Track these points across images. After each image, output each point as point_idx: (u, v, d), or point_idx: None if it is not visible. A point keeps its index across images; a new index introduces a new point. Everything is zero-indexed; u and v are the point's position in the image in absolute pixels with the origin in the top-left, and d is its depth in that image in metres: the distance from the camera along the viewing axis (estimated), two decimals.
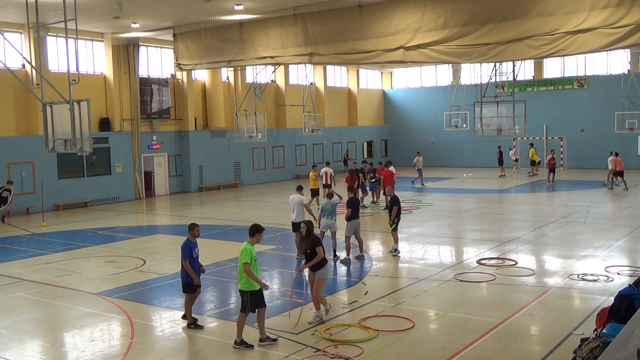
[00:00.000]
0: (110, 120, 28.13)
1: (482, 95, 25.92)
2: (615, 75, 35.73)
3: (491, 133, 26.38)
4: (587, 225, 18.61)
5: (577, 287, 11.85)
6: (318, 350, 8.75)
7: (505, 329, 9.53)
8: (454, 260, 15.04)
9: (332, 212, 14.44)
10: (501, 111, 26.09)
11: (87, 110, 12.73)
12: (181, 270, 10.08)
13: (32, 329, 10.33)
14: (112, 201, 27.75)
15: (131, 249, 16.75)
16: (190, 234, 9.99)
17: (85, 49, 27.09)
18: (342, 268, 14.15)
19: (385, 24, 19.32)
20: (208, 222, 20.54)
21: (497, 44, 17.39)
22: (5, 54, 23.27)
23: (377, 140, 45.28)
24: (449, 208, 23.82)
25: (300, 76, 37.37)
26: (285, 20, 21.84)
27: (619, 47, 16.43)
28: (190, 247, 9.88)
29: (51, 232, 20.13)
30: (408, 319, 10.00)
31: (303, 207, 14.71)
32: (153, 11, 22.38)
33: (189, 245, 9.89)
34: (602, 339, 6.56)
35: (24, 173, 24.46)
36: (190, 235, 9.98)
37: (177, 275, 13.52)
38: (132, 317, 10.56)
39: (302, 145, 38.22)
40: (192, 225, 10.11)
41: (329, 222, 14.49)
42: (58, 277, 13.67)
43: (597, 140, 36.50)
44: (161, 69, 30.87)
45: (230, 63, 24.77)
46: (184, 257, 9.84)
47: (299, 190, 15.24)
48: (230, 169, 33.43)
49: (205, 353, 9.13)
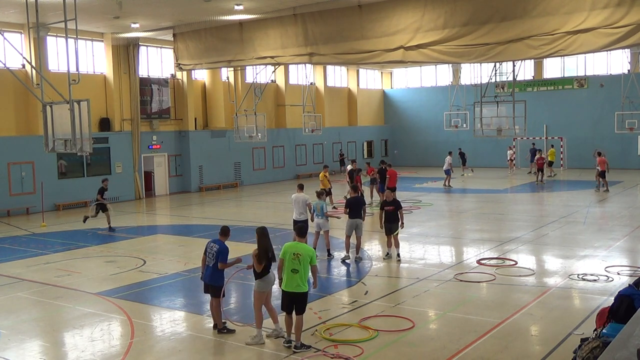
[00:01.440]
0: (110, 120, 28.13)
1: (482, 95, 25.92)
2: (615, 75, 35.73)
3: (491, 133, 26.38)
4: (587, 225, 18.61)
5: (577, 287, 11.84)
6: (318, 350, 8.74)
7: (505, 329, 9.53)
8: (454, 260, 15.04)
9: (321, 212, 14.58)
10: (501, 111, 26.09)
11: (87, 110, 12.73)
12: (214, 274, 9.51)
13: (32, 329, 10.32)
14: (112, 201, 27.69)
15: (131, 249, 16.75)
16: (223, 237, 9.68)
17: (85, 49, 27.09)
18: (342, 268, 14.15)
19: (385, 24, 19.32)
20: (208, 222, 20.55)
21: (497, 44, 17.39)
22: (5, 54, 23.28)
23: (377, 141, 45.27)
24: (449, 208, 23.82)
25: (300, 76, 37.37)
26: (285, 20, 21.84)
27: (619, 47, 16.42)
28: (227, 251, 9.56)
29: (51, 232, 20.12)
30: (408, 319, 9.99)
31: (306, 206, 14.76)
32: (153, 11, 22.38)
33: (227, 249, 9.56)
34: (602, 339, 6.55)
35: (24, 173, 24.47)
36: (224, 238, 9.67)
37: (177, 275, 13.56)
38: (132, 317, 10.56)
39: (302, 145, 38.22)
40: (227, 230, 9.82)
41: (319, 221, 14.64)
42: (58, 277, 13.67)
43: (597, 140, 36.51)
44: (161, 69, 30.87)
45: (230, 63, 24.78)
46: (224, 260, 9.48)
47: (301, 189, 15.29)
48: (230, 169, 33.44)
49: (206, 353, 9.12)
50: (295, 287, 8.72)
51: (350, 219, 14.45)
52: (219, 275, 9.53)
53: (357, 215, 14.44)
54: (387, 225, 14.37)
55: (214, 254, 9.45)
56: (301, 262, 8.70)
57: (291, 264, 8.72)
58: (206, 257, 9.60)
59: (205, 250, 9.66)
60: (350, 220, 14.45)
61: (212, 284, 9.57)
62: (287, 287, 8.78)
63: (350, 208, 14.53)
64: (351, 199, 14.93)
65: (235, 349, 9.05)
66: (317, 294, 11.78)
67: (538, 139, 38.10)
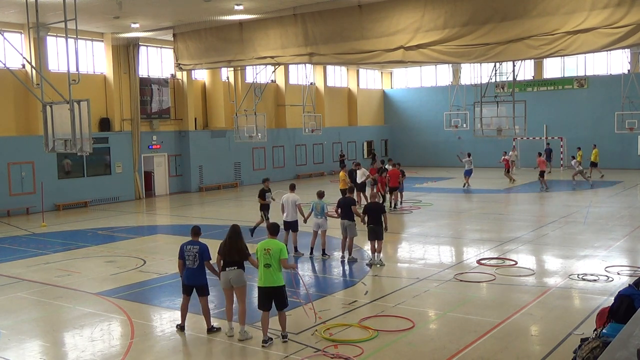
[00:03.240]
0: (110, 120, 28.13)
1: (482, 95, 25.92)
2: (615, 75, 35.74)
3: (491, 133, 26.38)
4: (587, 225, 18.61)
5: (577, 287, 11.84)
6: (318, 350, 8.74)
7: (505, 329, 9.53)
8: (454, 260, 15.04)
9: (320, 212, 14.60)
10: (501, 111, 26.09)
11: (87, 110, 12.73)
12: (199, 274, 9.61)
13: (32, 329, 10.33)
14: (112, 201, 27.75)
15: (131, 249, 16.75)
16: (196, 237, 9.83)
17: (85, 49, 27.09)
18: (342, 268, 14.15)
19: (385, 24, 19.32)
20: (208, 222, 20.55)
21: (497, 44, 17.40)
22: (5, 54, 23.27)
23: (377, 141, 45.28)
24: (449, 208, 23.82)
25: (300, 76, 37.37)
26: (285, 20, 21.84)
27: (619, 47, 16.43)
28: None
29: (51, 232, 20.13)
30: (408, 319, 9.99)
31: (296, 207, 14.85)
32: (153, 11, 22.38)
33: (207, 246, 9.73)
34: (602, 339, 6.56)
35: (24, 173, 24.46)
36: (198, 237, 9.83)
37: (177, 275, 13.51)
38: (132, 317, 10.56)
39: (302, 145, 38.23)
40: (198, 229, 9.99)
41: (318, 221, 14.67)
42: (58, 277, 13.67)
43: (597, 140, 36.51)
44: (161, 69, 30.87)
45: (230, 63, 24.78)
46: (210, 257, 9.63)
47: (292, 189, 15.37)
48: (230, 169, 33.44)
49: (205, 353, 9.13)
50: (270, 282, 8.98)
51: (341, 219, 14.49)
52: (203, 274, 9.66)
53: (346, 216, 14.33)
54: (369, 228, 14.01)
55: (195, 255, 9.53)
56: (272, 256, 8.96)
57: (263, 259, 9.01)
58: (185, 261, 9.62)
59: (182, 254, 9.68)
60: (341, 221, 14.47)
61: (198, 284, 9.62)
62: (262, 283, 9.04)
63: (340, 209, 14.58)
64: (341, 199, 14.97)
65: (235, 349, 9.05)
66: (317, 294, 11.79)
67: (538, 139, 38.09)
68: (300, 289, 12.03)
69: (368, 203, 14.98)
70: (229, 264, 9.35)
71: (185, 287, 9.76)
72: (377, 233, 13.86)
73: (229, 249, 9.41)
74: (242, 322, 9.30)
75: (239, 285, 9.37)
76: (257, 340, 9.23)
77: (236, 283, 9.36)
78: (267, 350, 8.91)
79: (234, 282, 9.35)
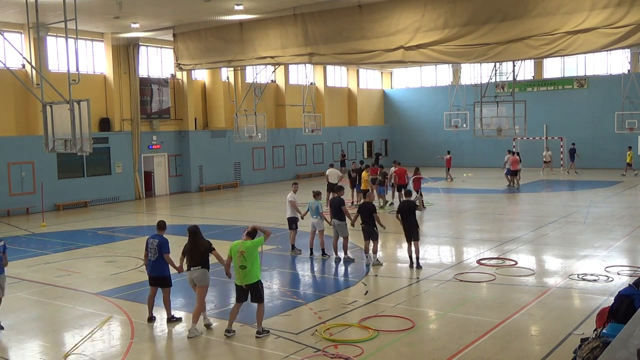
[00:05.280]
0: (110, 120, 28.13)
1: (482, 95, 25.92)
2: (615, 75, 35.73)
3: (491, 133, 26.39)
4: (587, 225, 18.61)
5: (577, 287, 11.84)
6: (318, 350, 8.74)
7: (505, 329, 9.53)
8: (454, 260, 15.04)
9: (315, 212, 14.69)
10: (501, 111, 26.09)
11: (87, 110, 12.72)
12: (159, 266, 10.15)
13: (32, 329, 10.33)
14: (112, 201, 27.75)
15: (131, 249, 16.74)
16: (161, 231, 10.46)
17: (85, 49, 27.09)
18: (342, 268, 14.14)
19: (385, 24, 19.31)
20: (208, 222, 20.53)
21: (497, 44, 17.39)
22: (5, 54, 23.27)
23: (377, 141, 45.28)
24: (449, 208, 23.82)
25: (300, 76, 37.37)
26: (285, 20, 21.84)
27: (619, 47, 16.42)
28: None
29: (51, 232, 20.12)
30: (408, 319, 9.99)
31: (289, 203, 15.21)
32: (153, 11, 22.39)
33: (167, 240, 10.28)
34: (602, 339, 6.56)
35: (24, 173, 24.47)
36: (162, 232, 10.43)
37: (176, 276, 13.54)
38: (132, 317, 10.56)
39: (302, 145, 38.23)
40: (163, 224, 10.59)
41: (314, 220, 14.77)
42: (58, 277, 13.67)
43: (597, 140, 36.52)
44: (161, 69, 30.87)
45: (230, 63, 24.78)
46: (168, 250, 10.14)
47: (293, 187, 15.76)
48: (230, 169, 33.44)
49: (205, 353, 9.13)
50: (246, 280, 9.34)
51: (332, 219, 14.57)
52: (164, 267, 10.14)
53: (336, 216, 14.38)
54: (361, 227, 14.02)
55: (156, 248, 10.08)
56: (247, 258, 9.27)
57: (237, 261, 9.34)
58: (148, 253, 10.20)
59: (147, 247, 10.26)
60: (332, 220, 14.53)
61: (159, 276, 10.16)
62: (239, 281, 9.41)
63: (330, 208, 14.65)
64: (332, 199, 15.01)
65: (235, 349, 9.05)
66: (317, 294, 11.79)
67: (538, 139, 38.09)
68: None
69: (360, 203, 15.05)
70: (193, 264, 9.76)
71: (150, 278, 10.31)
72: (369, 233, 13.90)
73: (191, 250, 9.84)
74: (195, 320, 9.61)
75: (201, 285, 9.73)
76: (258, 340, 9.24)
77: (199, 282, 9.72)
78: (267, 350, 8.91)
79: (196, 281, 9.73)
